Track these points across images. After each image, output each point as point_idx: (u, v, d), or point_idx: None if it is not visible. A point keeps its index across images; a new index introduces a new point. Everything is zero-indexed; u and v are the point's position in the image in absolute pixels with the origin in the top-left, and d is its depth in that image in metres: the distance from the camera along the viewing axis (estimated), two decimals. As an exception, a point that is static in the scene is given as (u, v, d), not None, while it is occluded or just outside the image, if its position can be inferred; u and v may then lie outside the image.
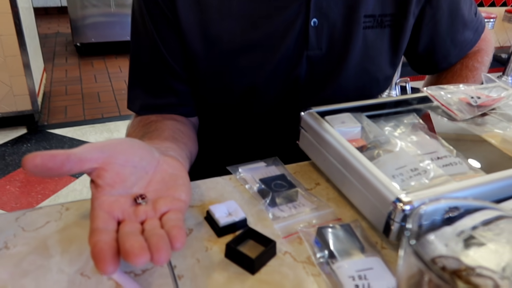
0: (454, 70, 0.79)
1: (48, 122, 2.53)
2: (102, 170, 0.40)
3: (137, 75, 0.67)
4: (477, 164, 0.52)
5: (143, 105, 0.66)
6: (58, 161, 0.37)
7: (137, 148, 0.43)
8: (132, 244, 0.33)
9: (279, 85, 0.67)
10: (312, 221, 0.49)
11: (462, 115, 0.59)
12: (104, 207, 0.38)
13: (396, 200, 0.42)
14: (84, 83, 3.09)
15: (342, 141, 0.52)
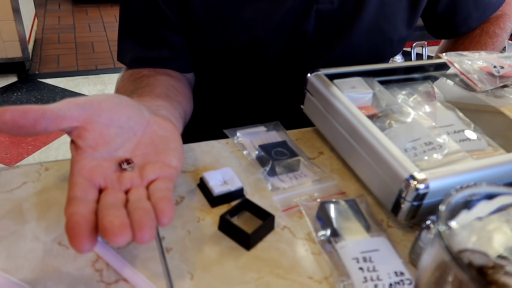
0: (473, 36, 0.73)
1: (39, 71, 2.44)
2: (84, 130, 0.35)
3: (128, 25, 0.60)
4: (495, 140, 0.48)
5: (134, 57, 0.60)
6: (30, 118, 0.32)
7: (124, 106, 0.38)
8: (111, 220, 0.29)
9: (283, 41, 0.61)
10: (314, 194, 0.45)
11: (483, 86, 0.54)
12: (84, 173, 0.33)
13: (409, 177, 0.38)
14: (78, 32, 2.96)
15: (352, 108, 0.47)
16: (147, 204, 0.32)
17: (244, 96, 0.69)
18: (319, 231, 0.40)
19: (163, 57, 0.60)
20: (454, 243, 0.24)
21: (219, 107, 0.72)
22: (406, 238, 0.41)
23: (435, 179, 0.38)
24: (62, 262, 0.34)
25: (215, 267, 0.36)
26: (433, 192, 0.38)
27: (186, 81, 0.62)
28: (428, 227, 0.36)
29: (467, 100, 0.55)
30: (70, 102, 0.35)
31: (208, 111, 0.72)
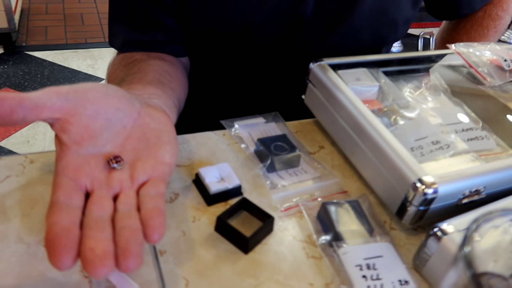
0: (475, 18, 0.70)
1: (26, 43, 2.35)
2: (67, 123, 0.32)
3: (119, 6, 0.56)
4: (504, 139, 0.46)
5: (125, 40, 0.56)
6: (6, 106, 0.29)
7: (112, 96, 0.35)
8: (93, 247, 0.26)
9: (280, 25, 0.57)
10: (315, 193, 0.43)
11: (492, 80, 0.52)
12: (68, 172, 0.31)
13: (417, 181, 0.36)
14: (67, 3, 2.85)
15: (357, 102, 0.45)
16: (135, 221, 0.29)
17: (241, 84, 0.66)
18: (321, 235, 0.38)
19: (157, 40, 0.56)
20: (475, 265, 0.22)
21: (215, 95, 0.69)
22: (410, 241, 0.40)
23: (444, 183, 0.37)
24: (48, 266, 0.32)
25: (211, 272, 0.34)
26: (442, 197, 0.37)
27: (181, 65, 0.58)
28: (435, 234, 0.34)
29: (475, 95, 0.53)
30: (52, 91, 0.32)
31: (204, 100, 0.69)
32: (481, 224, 0.22)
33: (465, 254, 0.21)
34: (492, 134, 0.46)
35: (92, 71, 2.17)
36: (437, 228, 0.34)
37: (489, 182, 0.39)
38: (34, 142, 1.69)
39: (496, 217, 0.23)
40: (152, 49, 0.56)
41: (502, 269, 0.24)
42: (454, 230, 0.34)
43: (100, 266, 0.26)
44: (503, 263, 0.24)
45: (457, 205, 0.39)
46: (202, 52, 0.62)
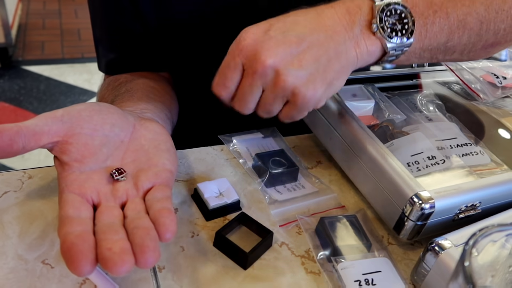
0: None
1: (23, 58, 2.36)
2: (66, 144, 0.33)
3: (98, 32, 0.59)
4: (498, 154, 0.47)
5: (107, 62, 0.57)
6: (6, 137, 0.29)
7: (106, 113, 0.36)
8: (110, 247, 0.27)
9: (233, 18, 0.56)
10: (313, 208, 0.44)
11: (485, 97, 0.53)
12: (74, 188, 0.31)
13: (414, 196, 0.37)
14: (64, 18, 2.87)
15: (354, 118, 0.46)
16: (146, 221, 0.30)
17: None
18: (319, 250, 0.39)
19: (135, 56, 0.57)
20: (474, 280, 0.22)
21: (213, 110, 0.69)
22: (407, 256, 0.40)
23: (440, 198, 0.37)
24: (46, 283, 0.32)
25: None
26: (439, 212, 0.37)
27: (165, 80, 0.59)
28: (433, 249, 0.35)
29: (468, 111, 0.54)
30: (47, 116, 0.33)
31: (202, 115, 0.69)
32: (479, 239, 0.22)
33: (464, 269, 0.21)
34: (486, 150, 0.47)
35: (88, 85, 2.18)
36: (434, 243, 0.35)
37: (485, 197, 0.39)
38: (29, 156, 1.68)
39: (494, 232, 0.23)
40: (133, 67, 0.57)
41: (500, 284, 0.24)
42: (452, 245, 0.34)
43: (120, 262, 0.26)
44: (501, 278, 0.24)
45: (454, 219, 0.39)
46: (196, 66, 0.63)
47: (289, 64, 0.35)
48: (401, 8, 0.38)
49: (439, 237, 0.35)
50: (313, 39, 0.36)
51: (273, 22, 0.36)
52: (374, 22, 0.37)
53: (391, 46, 0.38)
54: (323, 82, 0.36)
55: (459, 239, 0.35)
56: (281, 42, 0.35)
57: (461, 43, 0.41)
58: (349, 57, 0.37)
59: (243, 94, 0.37)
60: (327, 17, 0.37)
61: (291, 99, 0.37)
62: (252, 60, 0.35)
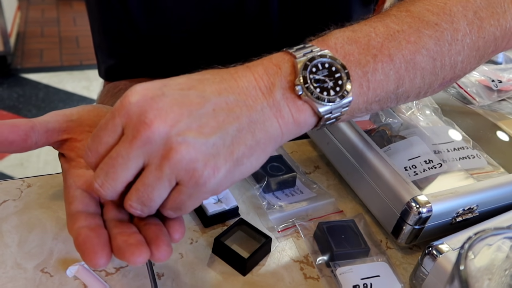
0: None
1: (21, 66, 2.36)
2: (74, 141, 0.33)
3: (97, 39, 0.60)
4: (494, 157, 0.47)
5: (106, 69, 0.58)
6: (21, 131, 0.30)
7: (105, 112, 0.36)
8: (125, 239, 0.27)
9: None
10: (312, 213, 0.44)
11: (481, 100, 0.54)
12: (80, 184, 0.31)
13: (411, 200, 0.37)
14: (62, 26, 2.88)
15: (351, 123, 0.46)
16: (156, 219, 0.30)
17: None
18: (318, 255, 0.39)
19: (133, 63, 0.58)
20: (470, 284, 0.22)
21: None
22: (406, 260, 0.40)
23: (438, 202, 0.37)
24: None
25: (209, 295, 0.34)
26: (436, 216, 0.37)
27: None
28: (431, 253, 0.35)
29: (465, 114, 0.54)
30: (57, 114, 0.34)
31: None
32: (475, 242, 0.23)
33: (460, 273, 0.21)
34: (483, 153, 0.47)
35: (87, 93, 2.18)
36: (432, 247, 0.35)
37: (482, 200, 0.39)
38: (28, 164, 1.68)
39: (489, 235, 0.24)
40: (132, 74, 0.58)
41: (497, 287, 0.24)
42: (449, 248, 0.34)
43: (138, 252, 0.26)
44: (497, 281, 0.24)
45: (452, 223, 0.39)
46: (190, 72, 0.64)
47: (185, 131, 0.26)
48: (329, 61, 0.30)
49: (437, 241, 0.35)
50: (221, 102, 0.28)
51: (173, 79, 0.29)
52: (298, 83, 0.29)
53: (325, 110, 0.30)
54: (228, 159, 0.27)
55: (457, 242, 0.35)
56: (177, 102, 0.27)
57: (414, 87, 0.35)
58: (269, 129, 0.29)
59: (113, 165, 0.27)
60: (241, 78, 0.29)
61: (182, 181, 0.27)
62: (135, 121, 0.26)
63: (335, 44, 0.32)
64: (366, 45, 0.32)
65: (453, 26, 0.35)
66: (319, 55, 0.30)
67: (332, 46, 0.32)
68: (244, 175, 0.29)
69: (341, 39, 0.32)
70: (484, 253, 0.25)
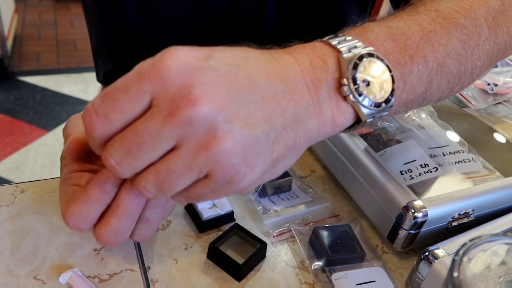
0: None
1: (18, 69, 2.36)
2: None
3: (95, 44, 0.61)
4: (490, 161, 0.47)
5: (105, 73, 0.59)
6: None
7: None
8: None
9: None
10: (307, 217, 0.44)
11: (477, 104, 0.54)
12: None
13: (407, 205, 0.37)
14: (60, 28, 2.88)
15: (346, 127, 0.46)
16: None
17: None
18: (313, 260, 0.38)
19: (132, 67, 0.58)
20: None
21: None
22: (402, 265, 0.40)
23: (433, 206, 0.37)
24: (38, 299, 0.32)
25: (204, 301, 0.34)
26: (432, 220, 0.37)
27: None
28: (426, 258, 0.35)
29: (460, 118, 0.54)
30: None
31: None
32: (469, 249, 0.22)
33: (453, 279, 0.21)
34: (479, 157, 0.47)
35: (84, 95, 2.18)
36: (428, 252, 0.35)
37: (477, 204, 0.39)
38: (25, 167, 1.68)
39: (484, 242, 0.24)
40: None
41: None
42: (445, 254, 0.34)
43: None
44: (492, 287, 0.24)
45: (447, 227, 0.39)
46: None
47: (233, 118, 0.22)
48: (377, 61, 0.28)
49: (433, 246, 0.35)
50: (270, 90, 0.24)
51: (216, 49, 0.24)
52: (346, 83, 0.26)
53: (369, 114, 0.27)
54: (266, 159, 0.24)
55: (452, 247, 0.35)
56: (225, 79, 0.23)
57: (439, 90, 0.33)
58: (309, 130, 0.26)
59: (137, 143, 0.22)
60: (287, 66, 0.26)
61: (213, 175, 0.23)
62: (175, 94, 0.22)
63: (376, 40, 0.29)
64: (404, 44, 0.30)
65: (477, 30, 0.34)
66: (367, 53, 0.27)
67: (373, 42, 0.29)
68: (271, 178, 0.27)
69: (380, 35, 0.30)
70: (479, 259, 0.25)
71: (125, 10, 0.54)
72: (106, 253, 0.36)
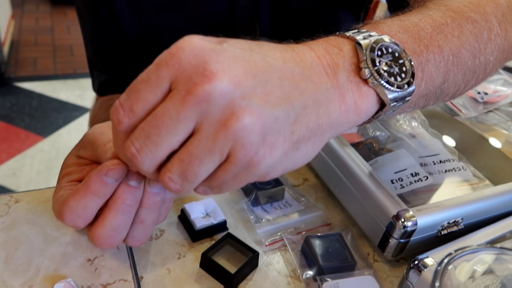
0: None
1: (15, 75, 2.36)
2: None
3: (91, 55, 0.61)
4: (480, 169, 0.48)
5: (100, 83, 0.59)
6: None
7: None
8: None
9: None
10: (300, 226, 0.44)
11: (467, 112, 0.54)
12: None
13: (397, 214, 0.38)
14: (56, 34, 2.88)
15: (339, 136, 0.46)
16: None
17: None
18: (305, 269, 0.39)
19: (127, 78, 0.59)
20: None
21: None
22: (393, 273, 0.41)
23: (422, 215, 0.38)
24: (31, 309, 0.32)
25: (196, 311, 0.35)
26: (421, 229, 0.38)
27: None
28: (416, 267, 0.35)
29: (451, 126, 0.55)
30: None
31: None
32: (452, 260, 0.23)
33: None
34: (469, 165, 0.48)
35: (81, 101, 2.18)
36: (417, 261, 0.35)
37: (466, 213, 0.40)
38: (21, 174, 1.68)
39: (468, 253, 0.24)
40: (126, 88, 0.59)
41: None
42: (434, 262, 0.35)
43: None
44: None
45: (437, 236, 0.40)
46: None
47: (250, 94, 0.22)
48: (393, 46, 0.28)
49: (422, 255, 0.36)
50: (287, 71, 0.24)
51: (229, 39, 0.25)
52: (365, 66, 0.26)
53: (393, 97, 0.27)
54: (287, 139, 0.24)
55: (442, 256, 0.35)
56: (240, 59, 0.23)
57: (455, 83, 0.33)
58: (332, 113, 0.26)
59: (157, 126, 0.23)
60: (303, 52, 0.26)
61: (233, 156, 0.23)
62: (191, 72, 0.22)
63: (389, 31, 0.30)
64: (417, 35, 0.30)
65: (488, 24, 0.35)
66: (382, 39, 0.28)
67: (387, 32, 0.30)
68: (294, 165, 0.26)
69: (393, 26, 0.30)
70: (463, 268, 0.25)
71: (121, 20, 0.54)
72: (100, 263, 0.36)
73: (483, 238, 0.38)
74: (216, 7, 0.54)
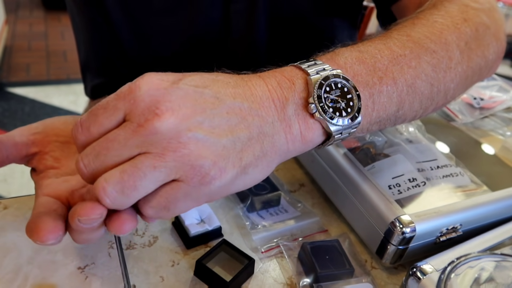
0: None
1: (8, 80, 2.33)
2: (42, 154, 0.33)
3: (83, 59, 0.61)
4: (477, 174, 0.48)
5: (92, 87, 0.59)
6: None
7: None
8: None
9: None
10: (296, 232, 0.43)
11: (464, 118, 0.54)
12: (48, 191, 0.30)
13: (395, 220, 0.37)
14: (50, 40, 2.87)
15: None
16: None
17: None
18: (302, 276, 0.38)
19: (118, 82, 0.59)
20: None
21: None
22: (391, 280, 0.40)
23: (421, 221, 0.37)
24: (18, 320, 0.31)
25: (190, 320, 0.34)
26: (420, 235, 0.37)
27: None
28: (414, 274, 0.35)
29: (448, 132, 0.55)
30: (22, 129, 0.33)
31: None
32: (455, 268, 0.22)
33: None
34: (466, 171, 0.48)
35: (74, 107, 2.16)
36: (416, 268, 0.34)
37: (465, 219, 0.39)
38: (12, 180, 1.65)
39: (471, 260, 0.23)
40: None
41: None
42: (433, 269, 0.34)
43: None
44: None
45: (436, 242, 0.39)
46: None
47: (196, 127, 0.25)
48: (343, 82, 0.30)
49: (421, 262, 0.35)
50: (235, 106, 0.27)
51: (187, 74, 0.28)
52: (312, 101, 0.29)
53: (336, 130, 0.30)
54: (235, 165, 0.26)
55: (441, 263, 0.35)
56: (191, 98, 0.26)
57: (412, 110, 0.36)
58: (276, 143, 0.28)
59: (106, 148, 0.25)
60: (255, 86, 0.29)
61: (184, 177, 0.25)
62: (144, 109, 0.25)
63: (345, 64, 0.32)
64: (373, 67, 0.33)
65: (448, 54, 0.36)
66: (333, 74, 0.30)
67: (342, 65, 0.32)
68: (245, 186, 0.29)
69: (350, 58, 0.33)
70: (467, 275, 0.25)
71: (116, 29, 0.54)
72: (90, 272, 0.35)
73: (482, 244, 0.38)
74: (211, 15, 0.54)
